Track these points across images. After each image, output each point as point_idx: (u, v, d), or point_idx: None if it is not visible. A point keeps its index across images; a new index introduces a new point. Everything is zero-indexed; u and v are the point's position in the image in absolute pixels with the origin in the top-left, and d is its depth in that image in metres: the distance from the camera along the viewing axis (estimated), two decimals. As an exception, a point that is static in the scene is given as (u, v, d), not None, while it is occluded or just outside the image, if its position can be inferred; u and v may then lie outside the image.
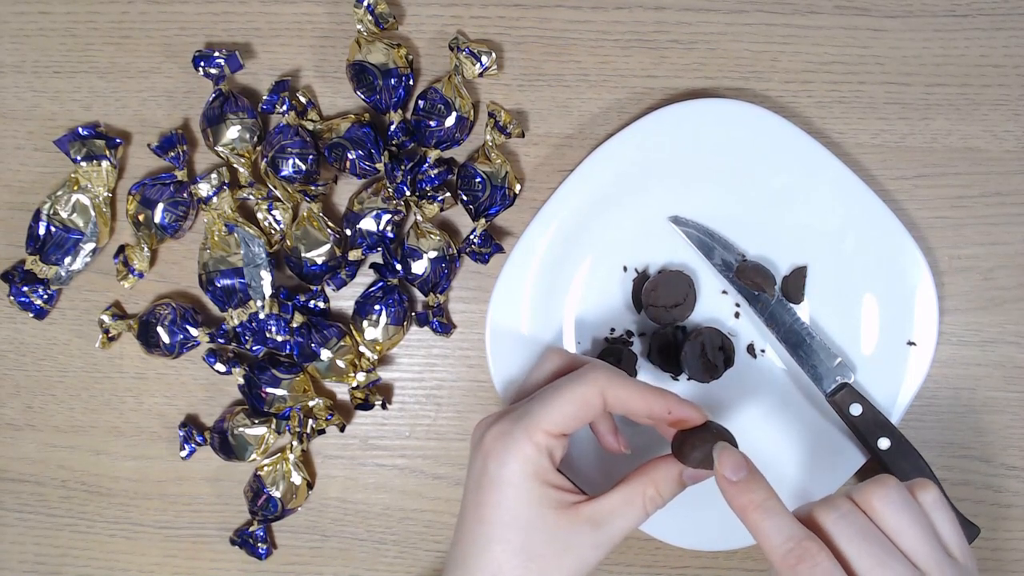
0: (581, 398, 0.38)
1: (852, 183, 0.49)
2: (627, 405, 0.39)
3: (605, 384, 0.39)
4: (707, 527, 0.51)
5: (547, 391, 0.39)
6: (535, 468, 0.38)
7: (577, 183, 0.50)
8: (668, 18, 0.52)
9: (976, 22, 0.52)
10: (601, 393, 0.39)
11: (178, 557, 0.55)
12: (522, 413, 0.39)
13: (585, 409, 0.38)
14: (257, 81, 0.54)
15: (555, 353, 0.44)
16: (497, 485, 0.38)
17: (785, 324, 0.50)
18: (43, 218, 0.52)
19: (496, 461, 0.38)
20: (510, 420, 0.39)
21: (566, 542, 0.38)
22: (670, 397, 0.40)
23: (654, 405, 0.39)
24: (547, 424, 0.38)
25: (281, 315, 0.51)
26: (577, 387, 0.39)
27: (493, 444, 0.38)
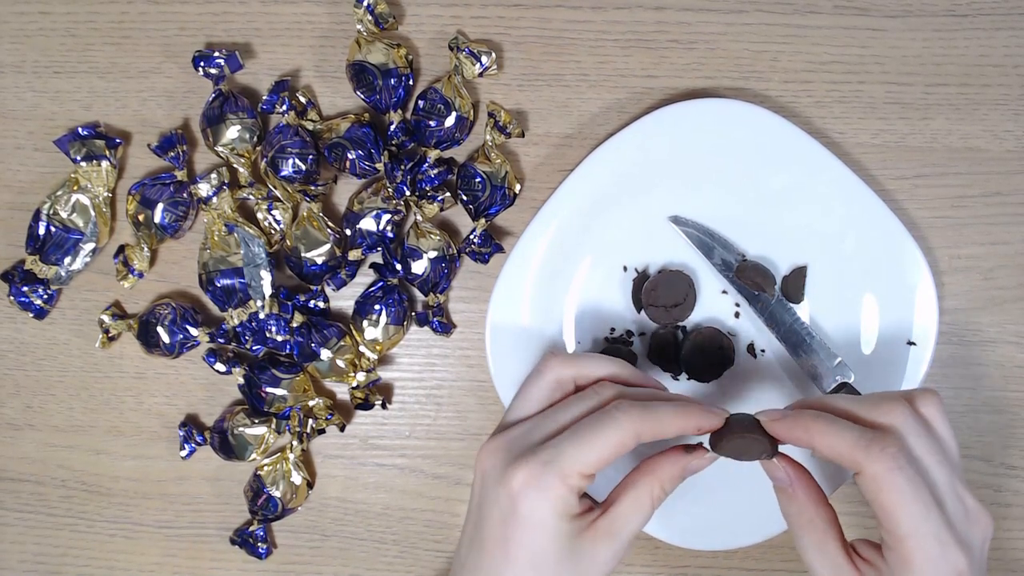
0: (617, 442, 0.37)
1: (852, 183, 0.49)
2: (660, 436, 0.39)
3: (639, 425, 0.38)
4: (707, 527, 0.51)
5: (579, 432, 0.38)
6: (564, 508, 0.37)
7: (577, 183, 0.50)
8: (668, 18, 0.52)
9: (976, 22, 0.52)
10: (636, 435, 0.38)
11: (178, 557, 0.55)
12: (554, 455, 0.37)
13: (619, 451, 0.38)
14: (257, 81, 0.54)
15: (556, 361, 0.42)
16: (527, 526, 0.38)
17: (785, 324, 0.50)
18: (43, 218, 0.52)
19: (526, 504, 0.37)
20: (540, 462, 0.37)
21: (590, 561, 0.38)
22: (695, 412, 0.39)
23: (685, 427, 0.39)
24: (582, 467, 0.37)
25: (281, 315, 0.51)
26: (612, 431, 0.37)
27: (524, 488, 0.37)
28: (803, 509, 0.39)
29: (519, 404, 0.41)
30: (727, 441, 0.39)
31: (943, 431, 0.38)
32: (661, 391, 0.42)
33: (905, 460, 0.35)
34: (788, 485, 0.40)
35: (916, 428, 0.37)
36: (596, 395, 0.40)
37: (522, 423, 0.40)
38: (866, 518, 0.53)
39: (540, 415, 0.40)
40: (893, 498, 0.35)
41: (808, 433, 0.37)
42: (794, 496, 0.39)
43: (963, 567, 0.35)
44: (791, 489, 0.39)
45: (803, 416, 0.38)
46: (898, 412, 0.37)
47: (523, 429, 0.40)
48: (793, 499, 0.39)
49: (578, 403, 0.40)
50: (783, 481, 0.40)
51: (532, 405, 0.41)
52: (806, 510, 0.39)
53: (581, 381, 0.42)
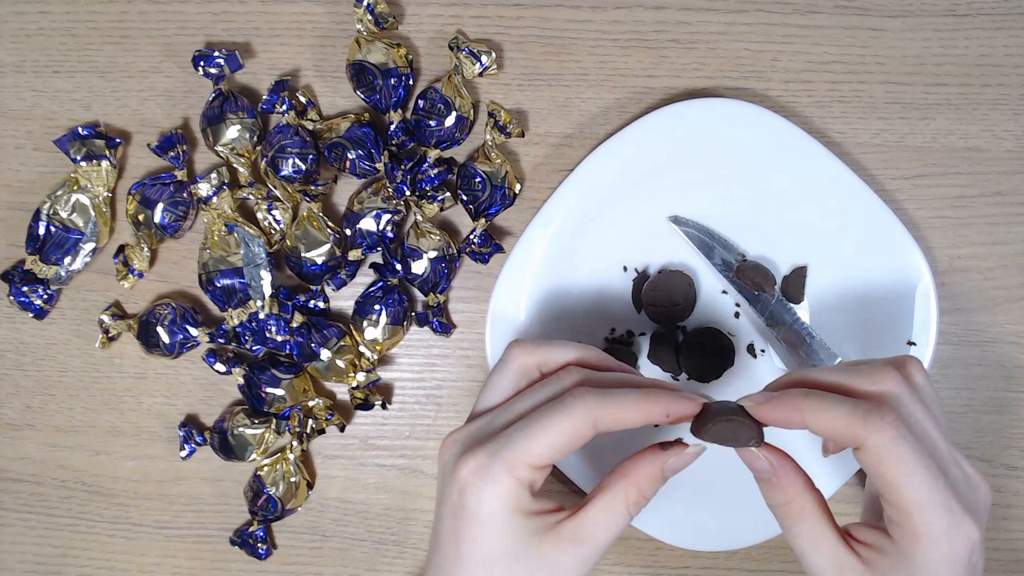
0: (570, 430, 0.35)
1: (852, 183, 0.49)
2: (622, 424, 0.36)
3: (595, 412, 0.35)
4: (707, 527, 0.51)
5: (531, 421, 0.35)
6: (515, 502, 0.35)
7: (577, 183, 0.50)
8: (668, 18, 0.52)
9: (976, 22, 0.52)
10: (592, 423, 0.35)
11: (178, 557, 0.55)
12: (502, 444, 0.35)
13: (574, 441, 0.35)
14: (257, 81, 0.54)
15: (519, 349, 0.39)
16: (475, 520, 0.35)
17: (785, 324, 0.50)
18: (43, 218, 0.52)
19: (474, 496, 0.35)
20: (488, 452, 0.35)
21: (551, 566, 0.35)
22: (663, 397, 0.36)
23: (651, 413, 0.36)
24: (530, 458, 0.35)
25: (281, 315, 0.51)
26: (564, 419, 0.35)
27: (470, 478, 0.35)
28: (791, 498, 0.36)
29: (484, 395, 0.39)
30: (712, 425, 0.36)
31: (932, 397, 0.37)
32: (632, 375, 0.39)
33: (906, 428, 0.33)
34: (772, 474, 0.37)
35: (910, 395, 0.35)
36: (558, 381, 0.37)
37: (485, 414, 0.38)
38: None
39: (502, 405, 0.38)
40: (899, 469, 0.33)
41: (800, 412, 0.35)
42: (778, 484, 0.37)
43: (975, 537, 0.33)
44: (775, 478, 0.37)
45: (791, 395, 0.35)
46: (890, 380, 0.35)
47: (484, 420, 0.38)
48: (778, 487, 0.37)
49: (539, 390, 0.37)
50: (765, 471, 0.37)
51: (496, 395, 0.39)
52: (795, 498, 0.36)
53: (546, 368, 0.39)
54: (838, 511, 0.52)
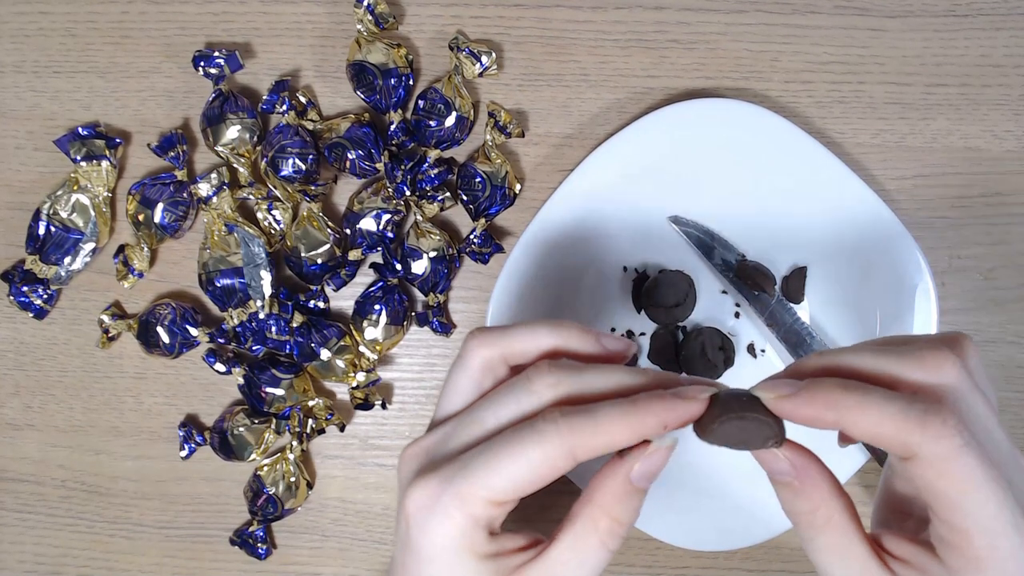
0: (540, 463, 0.28)
1: (852, 183, 0.49)
2: (608, 449, 0.29)
3: (573, 440, 0.28)
4: (707, 527, 0.51)
5: (493, 447, 0.29)
6: (467, 542, 0.29)
7: (577, 183, 0.50)
8: (668, 18, 0.52)
9: (976, 22, 0.52)
10: (570, 453, 0.28)
11: (178, 557, 0.55)
12: (456, 470, 0.29)
13: (545, 474, 0.28)
14: (257, 81, 0.54)
15: (477, 341, 0.32)
16: (422, 559, 0.30)
17: (785, 324, 0.50)
18: (43, 218, 0.52)
19: (420, 532, 0.29)
20: (440, 479, 0.29)
21: None
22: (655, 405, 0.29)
23: (643, 429, 0.28)
24: (488, 492, 0.28)
25: (281, 315, 0.51)
26: (533, 448, 0.28)
27: (417, 510, 0.29)
28: (816, 505, 0.29)
29: (444, 399, 0.33)
30: (719, 425, 0.29)
31: (987, 382, 0.30)
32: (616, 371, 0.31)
33: (970, 433, 0.27)
34: (793, 477, 0.30)
35: (970, 386, 0.28)
36: (527, 384, 0.30)
37: (445, 423, 0.32)
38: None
39: (465, 412, 0.31)
40: (962, 485, 0.27)
41: (835, 410, 0.27)
42: (801, 490, 0.29)
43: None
44: (797, 482, 0.29)
45: (825, 388, 0.28)
46: (949, 367, 0.28)
47: (443, 432, 0.32)
48: (800, 494, 0.30)
49: (505, 396, 0.30)
50: (785, 474, 0.30)
51: (458, 399, 0.32)
52: (820, 506, 0.29)
53: (514, 360, 0.32)
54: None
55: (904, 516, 0.31)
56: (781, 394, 0.28)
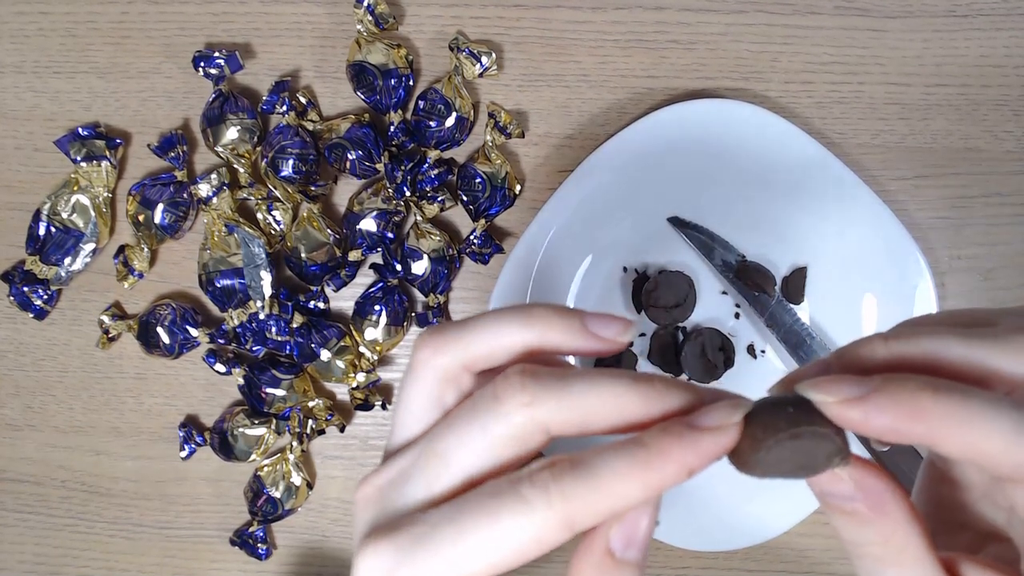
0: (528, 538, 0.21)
1: (852, 183, 0.49)
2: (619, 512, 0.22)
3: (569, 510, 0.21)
4: (707, 527, 0.51)
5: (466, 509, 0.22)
6: None
7: (577, 183, 0.50)
8: (668, 18, 0.52)
9: (976, 22, 0.52)
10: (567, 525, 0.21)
11: (178, 557, 0.55)
12: (417, 540, 0.22)
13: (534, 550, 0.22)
14: (257, 81, 0.54)
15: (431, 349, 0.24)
16: None
17: (785, 324, 0.50)
18: (43, 218, 0.52)
19: None
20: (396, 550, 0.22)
21: None
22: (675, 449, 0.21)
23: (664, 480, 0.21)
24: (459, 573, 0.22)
25: (281, 315, 0.51)
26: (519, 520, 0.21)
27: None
28: (888, 536, 0.22)
29: (398, 422, 0.25)
30: (766, 452, 0.21)
31: None
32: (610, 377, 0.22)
33: None
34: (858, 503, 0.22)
35: None
36: (494, 404, 0.23)
37: (402, 455, 0.25)
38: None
39: (424, 440, 0.24)
40: None
41: (926, 422, 0.20)
42: (871, 519, 0.22)
43: None
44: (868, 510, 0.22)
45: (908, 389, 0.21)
46: None
47: (399, 468, 0.24)
48: (869, 523, 0.22)
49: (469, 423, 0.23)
50: (849, 499, 0.22)
51: (413, 423, 0.25)
52: (893, 536, 0.22)
53: (477, 367, 0.25)
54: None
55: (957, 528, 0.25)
56: (846, 397, 0.21)
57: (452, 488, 0.23)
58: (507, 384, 0.23)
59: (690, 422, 0.21)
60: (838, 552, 0.52)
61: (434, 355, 0.24)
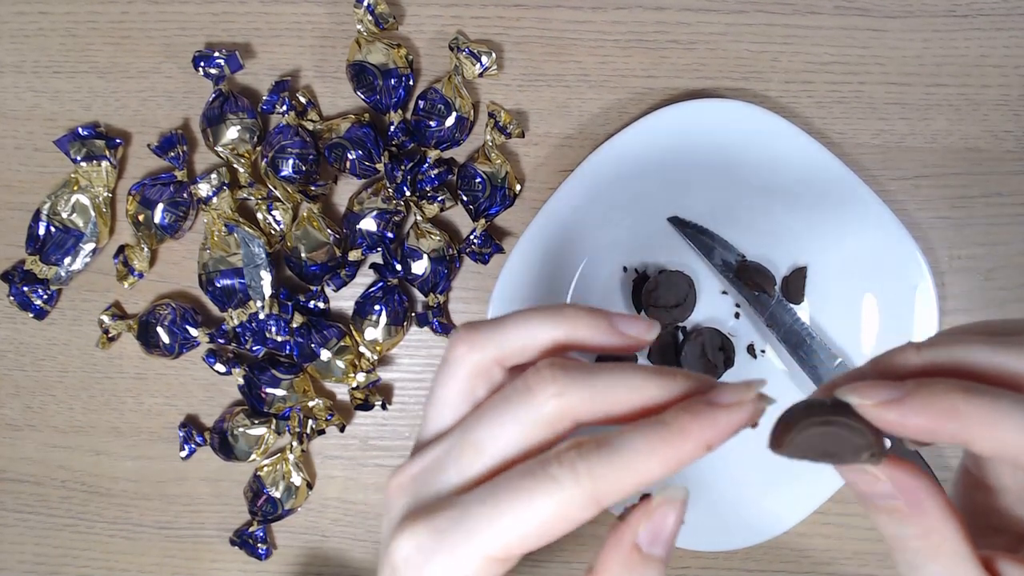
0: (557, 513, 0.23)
1: (852, 183, 0.49)
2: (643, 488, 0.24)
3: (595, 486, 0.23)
4: (707, 527, 0.51)
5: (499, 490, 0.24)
6: None
7: (577, 183, 0.50)
8: (668, 18, 0.52)
9: (976, 22, 0.52)
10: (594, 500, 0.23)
11: (178, 557, 0.55)
12: (453, 521, 0.24)
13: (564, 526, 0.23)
14: (257, 81, 0.54)
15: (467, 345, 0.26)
16: None
17: (785, 324, 0.50)
18: (43, 218, 0.52)
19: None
20: (433, 530, 0.24)
21: None
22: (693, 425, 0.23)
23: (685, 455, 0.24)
24: (491, 549, 0.23)
25: (281, 315, 0.51)
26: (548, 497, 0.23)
27: (405, 563, 0.25)
28: (926, 531, 0.24)
29: (431, 414, 0.28)
30: (797, 433, 0.24)
31: None
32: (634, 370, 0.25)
33: None
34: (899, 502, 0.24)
35: None
36: (526, 394, 0.25)
37: (435, 445, 0.27)
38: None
39: (456, 430, 0.26)
40: None
41: (960, 420, 0.22)
42: (909, 515, 0.24)
43: None
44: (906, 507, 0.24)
45: (941, 391, 0.22)
46: None
47: (433, 457, 0.26)
48: (910, 519, 0.24)
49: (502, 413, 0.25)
50: (887, 496, 0.24)
51: (447, 414, 0.27)
52: (932, 532, 0.24)
53: (510, 362, 0.27)
54: (839, 511, 0.52)
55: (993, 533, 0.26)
56: (882, 400, 0.23)
57: (484, 474, 0.25)
58: (539, 376, 0.25)
59: (708, 399, 0.23)
60: (838, 552, 0.52)
61: (470, 351, 0.26)
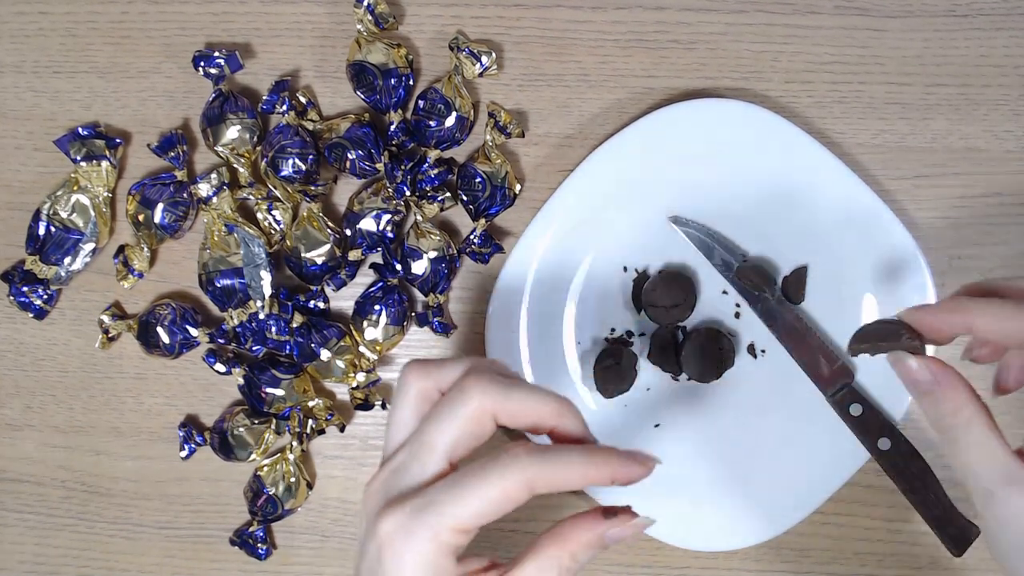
0: (502, 495, 0.31)
1: (852, 183, 0.49)
2: (560, 488, 0.32)
3: (534, 474, 0.31)
4: (707, 527, 0.51)
5: (459, 479, 0.32)
6: (436, 568, 0.32)
7: (577, 183, 0.50)
8: (668, 18, 0.52)
9: (976, 22, 0.52)
10: (529, 486, 0.31)
11: (178, 557, 0.55)
12: (426, 504, 0.32)
13: (505, 506, 0.31)
14: (257, 81, 0.54)
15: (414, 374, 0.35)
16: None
17: (785, 324, 0.50)
18: (43, 218, 0.52)
19: (392, 559, 0.32)
20: (410, 510, 0.32)
21: None
22: (613, 459, 0.32)
23: (595, 478, 0.32)
24: (456, 522, 0.31)
25: (281, 315, 0.51)
26: (497, 482, 0.31)
27: (390, 538, 0.32)
28: (958, 407, 0.34)
29: (391, 432, 0.35)
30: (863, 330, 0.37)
31: None
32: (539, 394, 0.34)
33: None
34: (934, 385, 0.35)
35: None
36: (459, 394, 0.33)
37: (397, 453, 0.34)
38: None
39: (412, 438, 0.34)
40: None
41: (963, 312, 0.34)
42: (943, 395, 0.35)
43: None
44: (938, 388, 0.35)
45: (954, 299, 0.35)
46: None
47: (397, 461, 0.34)
48: (942, 399, 0.35)
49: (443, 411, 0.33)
50: (926, 383, 0.35)
51: (403, 430, 0.35)
52: (962, 408, 0.34)
53: (445, 388, 0.35)
54: (839, 511, 0.52)
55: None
56: (916, 307, 0.36)
57: (441, 470, 0.32)
58: (469, 379, 0.33)
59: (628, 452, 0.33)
60: (838, 552, 0.52)
61: (419, 379, 0.35)
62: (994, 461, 0.33)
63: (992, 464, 0.33)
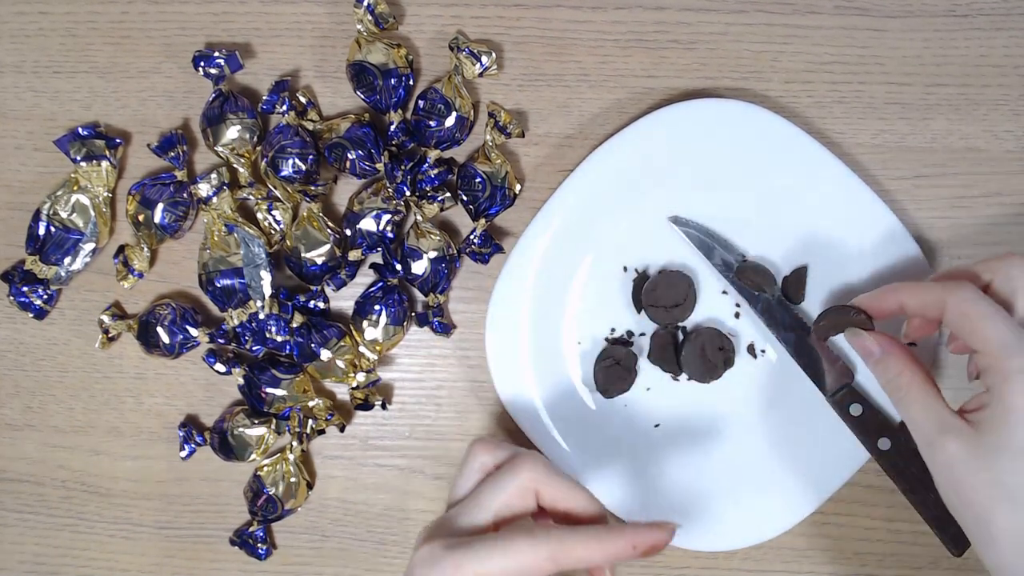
0: (527, 563, 0.36)
1: (852, 183, 0.49)
2: (584, 564, 0.37)
3: (555, 548, 0.36)
4: (707, 527, 0.51)
5: (496, 536, 0.37)
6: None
7: (577, 183, 0.50)
8: (668, 18, 0.52)
9: (976, 22, 0.52)
10: (552, 559, 0.36)
11: (178, 558, 0.55)
12: (459, 543, 0.37)
13: (529, 570, 0.36)
14: (257, 81, 0.54)
15: (480, 449, 0.42)
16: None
17: (785, 324, 0.50)
18: (43, 218, 0.52)
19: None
20: (445, 545, 0.37)
21: None
22: (629, 533, 0.37)
23: (617, 551, 0.37)
24: (481, 569, 0.36)
25: (281, 315, 0.51)
26: (524, 550, 0.36)
27: (422, 560, 0.37)
28: (900, 370, 0.41)
29: (453, 492, 0.42)
30: (822, 317, 0.45)
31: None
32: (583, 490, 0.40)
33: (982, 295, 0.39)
34: (882, 354, 0.42)
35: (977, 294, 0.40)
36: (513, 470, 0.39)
37: (453, 508, 0.41)
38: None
39: (468, 497, 0.40)
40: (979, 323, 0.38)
41: (894, 292, 0.42)
42: (888, 362, 0.42)
43: None
44: (886, 358, 0.42)
45: (889, 286, 0.43)
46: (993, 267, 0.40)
47: (452, 512, 0.40)
48: (890, 365, 0.42)
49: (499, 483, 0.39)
50: (875, 352, 0.43)
51: (462, 491, 0.41)
52: (905, 371, 0.41)
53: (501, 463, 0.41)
54: (839, 511, 0.52)
55: None
56: (864, 294, 0.44)
57: (486, 524, 0.38)
58: (522, 458, 0.40)
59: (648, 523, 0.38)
60: (838, 552, 0.52)
61: (482, 454, 0.41)
62: (931, 413, 0.39)
63: (930, 416, 0.39)
